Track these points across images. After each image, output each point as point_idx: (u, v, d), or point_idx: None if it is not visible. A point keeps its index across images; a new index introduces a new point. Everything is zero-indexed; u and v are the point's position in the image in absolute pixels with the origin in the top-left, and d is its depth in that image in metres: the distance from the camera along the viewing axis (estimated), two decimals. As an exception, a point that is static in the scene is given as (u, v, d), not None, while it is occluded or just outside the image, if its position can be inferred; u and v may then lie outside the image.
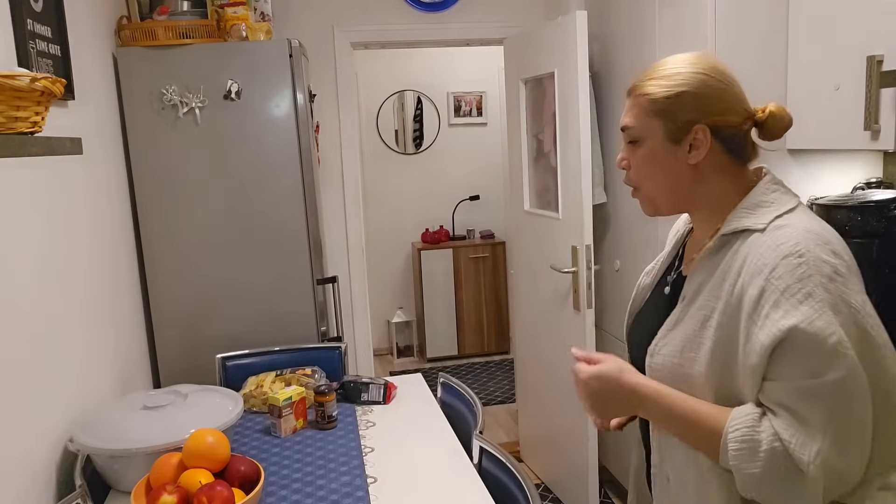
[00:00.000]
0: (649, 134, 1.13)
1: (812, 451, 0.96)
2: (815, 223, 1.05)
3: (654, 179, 1.16)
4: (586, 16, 2.60)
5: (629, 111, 1.16)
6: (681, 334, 1.11)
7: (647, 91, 1.13)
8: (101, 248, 2.12)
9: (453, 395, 2.11)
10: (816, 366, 0.96)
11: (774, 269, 1.00)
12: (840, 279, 0.99)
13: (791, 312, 0.97)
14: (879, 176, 2.28)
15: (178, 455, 1.51)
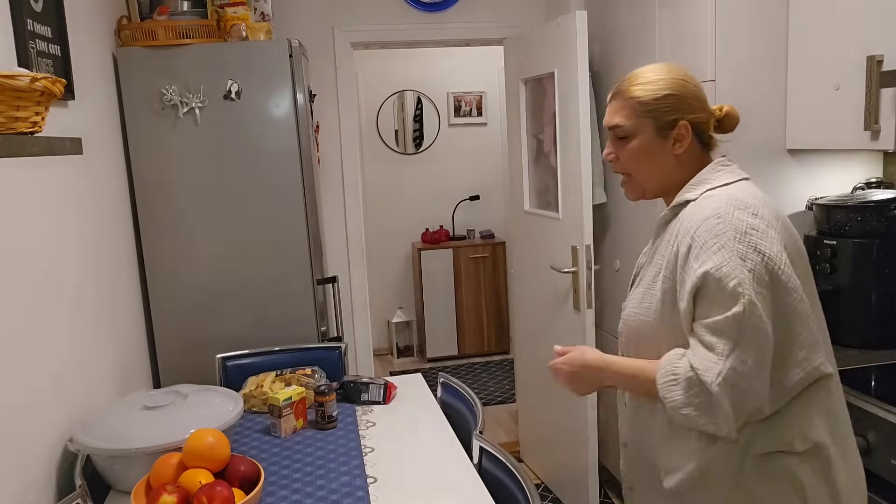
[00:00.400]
0: (640, 130, 1.33)
1: (715, 372, 1.17)
2: (744, 193, 1.26)
3: (645, 169, 1.36)
4: (586, 16, 2.60)
5: (618, 112, 1.35)
6: (641, 289, 1.37)
7: (637, 94, 1.33)
8: (101, 248, 2.12)
9: (453, 395, 2.11)
10: (721, 303, 1.18)
11: (698, 229, 1.23)
12: (755, 233, 1.20)
13: (706, 261, 1.19)
14: (879, 176, 2.28)
15: (178, 455, 1.51)
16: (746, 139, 2.21)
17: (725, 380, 1.16)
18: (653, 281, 1.33)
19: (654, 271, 1.33)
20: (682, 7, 2.30)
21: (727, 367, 1.16)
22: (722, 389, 1.16)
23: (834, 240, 2.03)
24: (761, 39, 2.19)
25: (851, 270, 2.00)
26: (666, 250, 1.30)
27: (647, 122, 1.32)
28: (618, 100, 1.35)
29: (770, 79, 2.20)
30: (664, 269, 1.30)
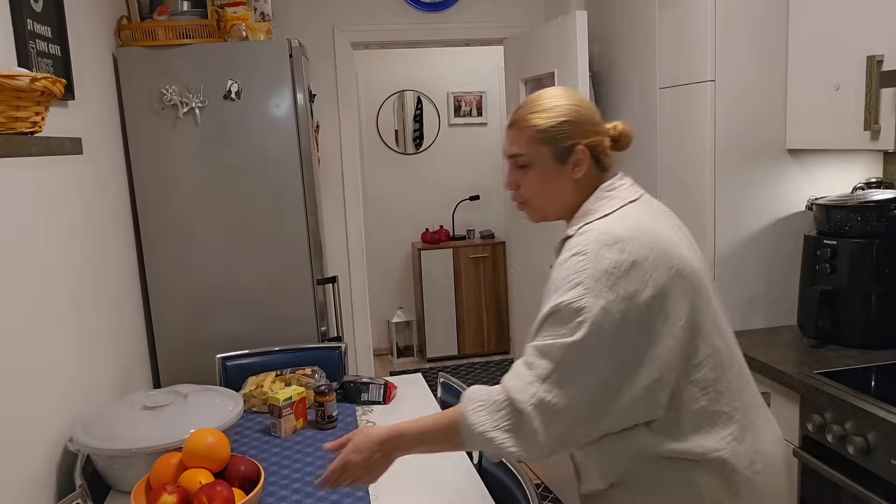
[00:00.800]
0: (539, 158, 1.32)
1: (529, 392, 1.15)
2: (620, 224, 1.23)
3: (545, 195, 1.35)
4: (586, 16, 2.60)
5: (516, 141, 1.34)
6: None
7: (534, 123, 1.31)
8: (102, 248, 2.12)
9: (453, 395, 2.11)
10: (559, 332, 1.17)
11: (564, 265, 1.22)
12: (615, 271, 1.16)
13: (559, 297, 1.18)
14: (879, 176, 2.28)
15: (178, 455, 1.51)
16: (746, 139, 2.22)
17: (540, 401, 1.14)
18: None
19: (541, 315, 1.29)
20: (682, 7, 2.30)
21: (542, 389, 1.14)
22: (534, 410, 1.14)
23: (834, 240, 2.03)
24: (761, 39, 2.19)
25: (851, 270, 2.00)
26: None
27: (545, 149, 1.31)
28: (515, 129, 1.34)
29: (770, 78, 2.20)
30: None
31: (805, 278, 2.13)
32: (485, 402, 1.18)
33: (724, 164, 2.21)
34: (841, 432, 1.68)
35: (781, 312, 2.30)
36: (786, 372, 1.86)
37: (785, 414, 1.90)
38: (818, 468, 1.75)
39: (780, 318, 2.30)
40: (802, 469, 1.85)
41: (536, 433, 1.14)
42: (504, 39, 3.38)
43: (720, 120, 2.20)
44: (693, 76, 2.26)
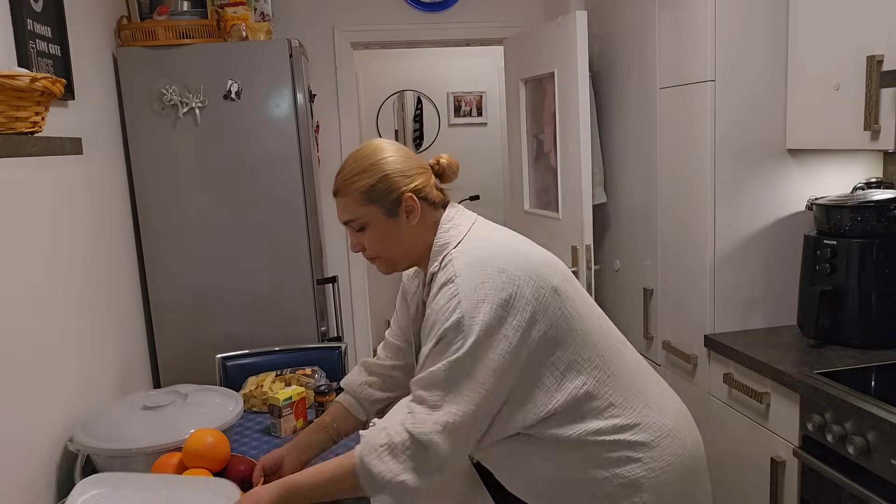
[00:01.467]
0: (371, 218, 1.34)
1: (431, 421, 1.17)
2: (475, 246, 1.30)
3: (391, 248, 1.37)
4: (586, 16, 2.60)
5: (345, 209, 1.36)
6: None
7: (356, 187, 1.33)
8: (101, 248, 2.12)
9: (453, 395, 2.10)
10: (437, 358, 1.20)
11: (437, 298, 1.25)
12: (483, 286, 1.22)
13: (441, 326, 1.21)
14: (879, 176, 2.28)
15: (177, 455, 1.51)
16: (746, 139, 2.22)
17: (444, 427, 1.18)
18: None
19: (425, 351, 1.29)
20: (682, 7, 2.30)
21: (441, 415, 1.18)
22: (440, 436, 1.18)
23: (834, 240, 2.03)
24: (761, 39, 2.19)
25: (851, 270, 2.00)
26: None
27: (375, 208, 1.33)
28: (340, 196, 1.36)
29: (770, 78, 2.20)
30: None
31: (805, 278, 2.13)
32: (386, 445, 1.19)
33: (724, 164, 2.21)
34: (841, 432, 1.68)
35: (781, 312, 2.30)
36: (786, 372, 1.86)
37: (785, 414, 1.91)
38: (818, 468, 1.75)
39: (780, 318, 2.30)
40: (802, 469, 1.85)
41: (445, 458, 1.19)
42: (504, 39, 3.38)
43: (720, 120, 2.19)
44: (693, 76, 2.26)
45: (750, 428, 2.05)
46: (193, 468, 1.48)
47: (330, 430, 1.56)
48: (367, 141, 1.39)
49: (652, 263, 2.58)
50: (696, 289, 2.32)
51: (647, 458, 1.29)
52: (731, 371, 2.13)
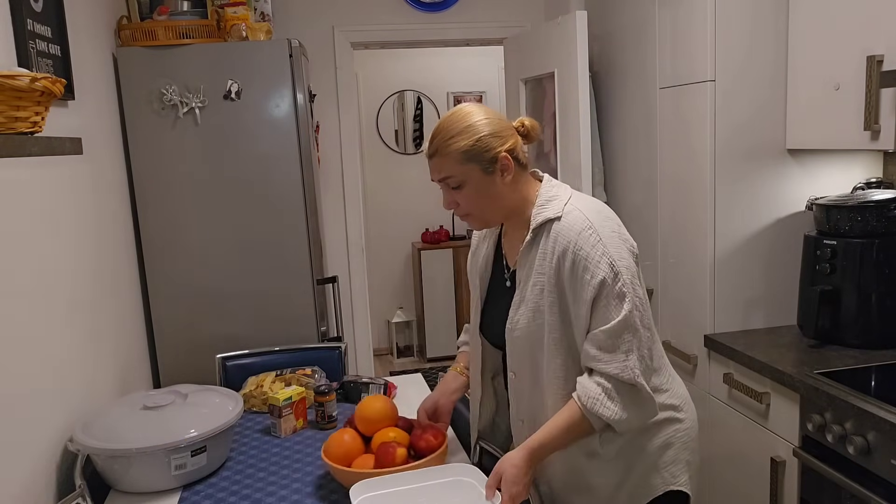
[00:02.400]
0: (469, 176, 1.42)
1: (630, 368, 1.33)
2: (590, 202, 1.46)
3: (486, 206, 1.46)
4: (586, 16, 2.60)
5: (442, 168, 1.43)
6: (527, 308, 1.44)
7: (455, 148, 1.41)
8: (101, 248, 2.12)
9: (453, 395, 2.11)
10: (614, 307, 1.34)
11: (576, 243, 1.37)
12: (615, 235, 1.39)
13: (595, 272, 1.34)
14: (879, 176, 2.28)
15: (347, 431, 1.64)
16: (746, 139, 2.22)
17: (638, 371, 1.34)
18: (539, 298, 1.42)
19: (538, 289, 1.42)
20: (681, 7, 2.30)
21: (634, 360, 1.34)
22: (642, 379, 1.34)
23: (834, 240, 2.03)
24: (761, 39, 2.19)
25: (851, 270, 2.00)
26: (543, 267, 1.41)
27: (473, 167, 1.41)
28: (438, 157, 1.43)
29: (770, 78, 2.20)
30: (548, 285, 1.41)
31: (805, 278, 2.13)
32: (603, 392, 1.34)
33: (724, 164, 2.21)
34: (841, 432, 1.68)
35: (781, 312, 2.30)
36: (786, 372, 1.86)
37: (785, 414, 1.91)
38: (818, 468, 1.75)
39: (780, 318, 2.30)
40: (802, 469, 1.85)
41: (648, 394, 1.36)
42: (504, 39, 3.38)
43: (720, 120, 2.19)
44: (693, 76, 2.26)
45: (750, 428, 2.05)
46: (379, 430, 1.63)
47: (465, 374, 1.73)
48: (458, 105, 1.47)
49: (652, 263, 2.58)
50: (696, 289, 2.32)
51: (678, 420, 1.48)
52: (731, 371, 2.13)
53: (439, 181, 1.45)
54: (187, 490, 1.62)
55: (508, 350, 1.50)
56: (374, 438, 1.62)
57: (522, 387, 1.50)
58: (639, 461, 1.45)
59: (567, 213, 1.42)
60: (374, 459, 1.56)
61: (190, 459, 1.61)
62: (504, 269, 1.57)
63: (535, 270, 1.43)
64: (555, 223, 1.41)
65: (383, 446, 1.55)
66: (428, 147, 1.45)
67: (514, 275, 1.50)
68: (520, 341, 1.47)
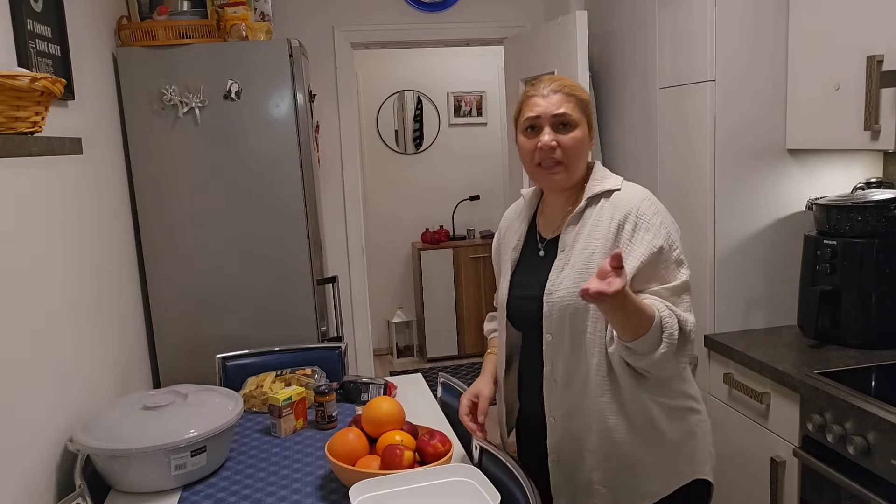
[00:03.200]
0: (581, 124, 1.51)
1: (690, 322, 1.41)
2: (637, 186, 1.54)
3: (579, 157, 1.52)
4: (586, 16, 2.60)
5: (564, 103, 1.49)
6: (571, 272, 1.49)
7: (579, 94, 1.52)
8: (101, 248, 2.12)
9: (453, 395, 2.11)
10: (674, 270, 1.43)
11: (639, 208, 1.46)
12: (666, 210, 1.50)
13: (657, 235, 1.43)
14: (879, 176, 2.28)
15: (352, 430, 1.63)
16: (746, 139, 2.22)
17: (692, 329, 1.41)
18: (587, 263, 1.47)
19: (587, 255, 1.47)
20: (681, 7, 2.30)
21: (692, 319, 1.42)
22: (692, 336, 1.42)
23: (834, 240, 2.03)
24: (761, 39, 2.19)
25: (851, 270, 2.00)
26: (598, 232, 1.48)
27: (583, 119, 1.51)
28: (562, 94, 1.50)
29: (770, 78, 2.20)
30: (601, 250, 1.46)
31: (805, 278, 2.13)
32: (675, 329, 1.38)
33: (724, 164, 2.21)
34: (841, 432, 1.68)
35: (781, 312, 2.30)
36: (786, 372, 1.86)
37: (785, 414, 1.91)
38: (818, 468, 1.75)
39: (780, 318, 2.30)
40: (802, 469, 1.85)
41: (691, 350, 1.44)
42: (504, 39, 3.38)
43: (720, 120, 2.20)
44: (693, 76, 2.26)
45: (750, 428, 2.06)
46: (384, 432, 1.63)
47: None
48: None
49: (652, 263, 2.58)
50: (696, 289, 2.31)
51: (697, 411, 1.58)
52: (731, 371, 2.13)
53: (553, 115, 1.48)
54: (187, 490, 1.62)
55: (546, 312, 1.51)
56: (379, 440, 1.62)
57: (559, 348, 1.52)
58: (665, 444, 1.50)
59: (626, 185, 1.52)
60: (379, 461, 1.55)
61: (190, 459, 1.61)
62: (537, 241, 1.62)
63: (587, 235, 1.49)
64: (615, 193, 1.50)
65: (390, 448, 1.55)
66: (548, 85, 1.51)
67: (551, 243, 1.57)
68: (559, 304, 1.49)
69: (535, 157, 1.51)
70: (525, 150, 1.54)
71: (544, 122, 1.49)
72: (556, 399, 1.55)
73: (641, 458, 1.49)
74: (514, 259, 1.66)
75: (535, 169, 1.53)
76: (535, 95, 1.52)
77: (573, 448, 1.54)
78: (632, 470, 1.49)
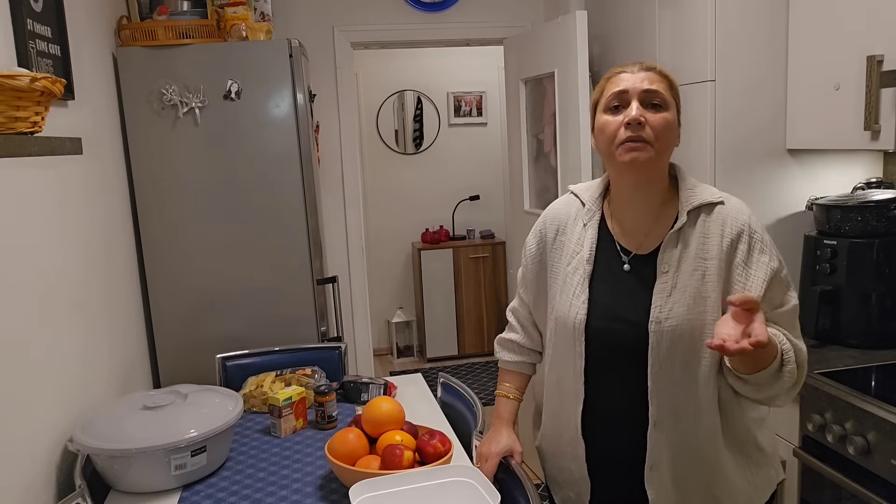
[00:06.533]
0: (670, 107, 1.35)
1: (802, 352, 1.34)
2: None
3: (667, 140, 1.35)
4: (586, 16, 2.60)
5: (655, 82, 1.35)
6: (683, 296, 1.34)
7: (671, 79, 1.39)
8: (101, 248, 2.12)
9: (453, 395, 2.11)
10: (789, 293, 1.38)
11: (750, 226, 1.36)
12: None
13: (772, 256, 1.36)
14: (879, 176, 2.28)
15: (352, 430, 1.63)
16: (746, 139, 2.22)
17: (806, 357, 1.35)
18: (701, 284, 1.33)
19: (699, 275, 1.33)
20: (682, 7, 2.30)
21: (804, 347, 1.35)
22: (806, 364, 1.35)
23: (834, 240, 2.03)
24: (761, 39, 2.19)
25: (851, 270, 2.00)
26: (708, 251, 1.34)
27: (674, 104, 1.37)
28: (653, 73, 1.36)
29: (770, 78, 2.20)
30: (715, 269, 1.33)
31: (805, 278, 2.13)
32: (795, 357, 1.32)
33: (724, 163, 2.21)
34: (841, 432, 1.68)
35: (781, 312, 2.30)
36: (786, 372, 1.86)
37: (785, 414, 1.90)
38: (818, 468, 1.75)
39: (780, 318, 2.30)
40: (802, 469, 1.85)
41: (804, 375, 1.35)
42: (504, 39, 3.38)
43: (720, 120, 2.20)
44: (693, 76, 2.26)
45: (750, 428, 2.05)
46: (385, 432, 1.62)
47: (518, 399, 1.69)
48: None
49: (652, 263, 2.58)
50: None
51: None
52: (731, 371, 2.13)
53: (644, 91, 1.32)
54: (187, 490, 1.62)
55: (654, 342, 1.33)
56: (379, 440, 1.62)
57: (668, 381, 1.34)
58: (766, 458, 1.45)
59: (726, 198, 1.39)
60: (378, 461, 1.56)
61: (190, 459, 1.61)
62: (619, 253, 1.42)
63: (695, 255, 1.34)
64: (717, 207, 1.37)
65: (390, 448, 1.55)
66: (637, 64, 1.39)
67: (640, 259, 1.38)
68: (673, 332, 1.32)
69: (620, 135, 1.32)
70: (608, 128, 1.34)
71: (632, 97, 1.33)
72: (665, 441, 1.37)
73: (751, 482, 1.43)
74: (588, 273, 1.42)
75: (616, 149, 1.33)
76: (623, 72, 1.38)
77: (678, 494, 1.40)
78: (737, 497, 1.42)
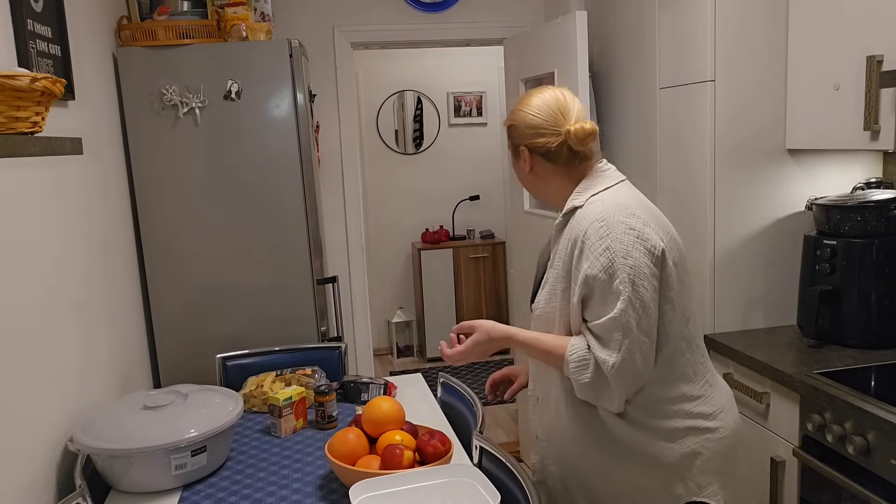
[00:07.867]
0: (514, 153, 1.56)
1: (609, 364, 1.37)
2: (623, 196, 1.45)
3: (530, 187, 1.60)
4: (586, 16, 2.60)
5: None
6: (546, 290, 1.52)
7: (505, 121, 1.58)
8: (101, 247, 2.12)
9: (453, 394, 2.11)
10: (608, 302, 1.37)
11: (586, 231, 1.40)
12: (633, 232, 1.38)
13: (593, 263, 1.37)
14: (879, 176, 2.29)
15: (352, 430, 1.63)
16: (746, 139, 2.22)
17: (618, 370, 1.37)
18: (555, 282, 1.49)
19: (555, 273, 1.49)
20: (682, 7, 2.30)
21: (619, 359, 1.36)
22: (614, 377, 1.37)
23: (834, 240, 2.03)
24: (761, 39, 2.19)
25: (851, 270, 2.00)
26: (563, 253, 1.47)
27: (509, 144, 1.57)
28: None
29: (770, 78, 2.20)
30: (561, 270, 1.47)
31: (805, 278, 2.13)
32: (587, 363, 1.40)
33: (724, 164, 2.22)
34: (841, 432, 1.68)
35: (781, 312, 2.30)
36: (785, 372, 1.86)
37: (785, 414, 1.91)
38: (818, 468, 1.75)
39: (780, 318, 2.30)
40: (802, 469, 1.85)
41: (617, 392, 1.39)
42: (504, 39, 3.38)
43: (720, 120, 2.20)
44: (693, 76, 2.26)
45: (750, 428, 2.06)
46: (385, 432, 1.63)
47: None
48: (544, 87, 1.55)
49: (652, 263, 2.58)
50: (696, 289, 2.32)
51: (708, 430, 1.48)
52: (730, 371, 2.13)
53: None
54: (187, 490, 1.62)
55: (531, 328, 1.56)
56: (379, 440, 1.63)
57: (538, 365, 1.57)
58: (659, 467, 1.45)
59: (590, 202, 1.46)
60: (378, 460, 1.56)
61: (190, 459, 1.61)
62: None
63: (557, 256, 1.50)
64: (578, 211, 1.46)
65: (390, 448, 1.55)
66: None
67: None
68: (538, 321, 1.54)
69: None
70: None
71: None
72: (538, 418, 1.61)
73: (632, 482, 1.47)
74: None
75: None
76: None
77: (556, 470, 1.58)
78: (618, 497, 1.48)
